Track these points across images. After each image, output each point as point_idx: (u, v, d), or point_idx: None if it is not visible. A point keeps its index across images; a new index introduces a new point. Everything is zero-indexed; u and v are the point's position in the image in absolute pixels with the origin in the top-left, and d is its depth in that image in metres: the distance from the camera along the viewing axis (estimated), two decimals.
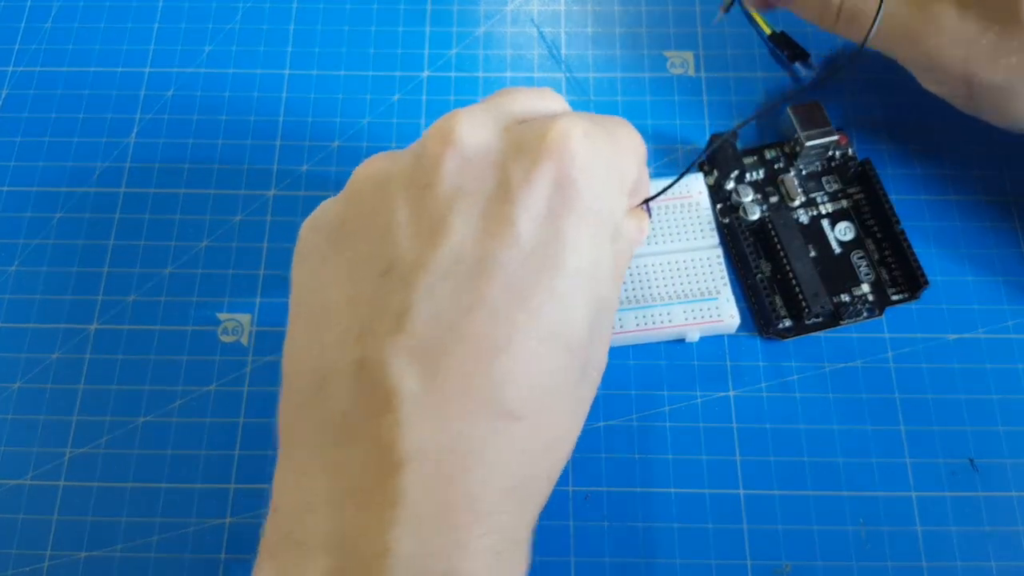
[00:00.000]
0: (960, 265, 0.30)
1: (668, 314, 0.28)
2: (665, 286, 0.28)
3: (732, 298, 0.28)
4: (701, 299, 0.28)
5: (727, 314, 0.28)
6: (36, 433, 0.28)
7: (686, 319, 0.27)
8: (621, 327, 0.27)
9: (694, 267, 0.28)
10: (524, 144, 0.19)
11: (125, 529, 0.27)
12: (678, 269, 0.28)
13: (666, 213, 0.29)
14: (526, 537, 0.18)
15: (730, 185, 0.30)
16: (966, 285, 0.29)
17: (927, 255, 0.28)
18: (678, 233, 0.29)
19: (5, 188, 0.32)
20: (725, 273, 0.28)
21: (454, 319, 0.17)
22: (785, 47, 0.33)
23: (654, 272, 0.28)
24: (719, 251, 0.29)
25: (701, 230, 0.29)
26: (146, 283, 0.30)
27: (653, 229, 0.29)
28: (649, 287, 0.28)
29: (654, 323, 0.28)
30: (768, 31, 0.33)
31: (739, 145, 0.31)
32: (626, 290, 0.28)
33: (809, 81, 0.31)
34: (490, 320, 0.17)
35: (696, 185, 0.29)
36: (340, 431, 0.18)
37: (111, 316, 0.30)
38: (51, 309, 0.30)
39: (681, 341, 0.29)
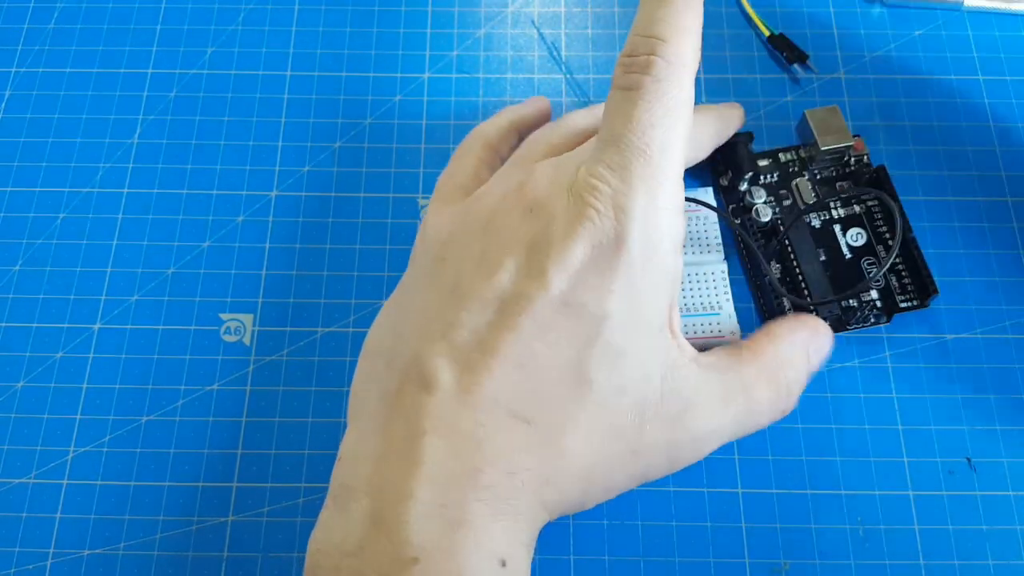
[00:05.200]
0: (958, 266, 0.30)
1: None
2: None
3: (734, 314, 0.28)
4: (703, 313, 0.28)
5: (728, 330, 0.28)
6: (39, 432, 0.28)
7: (687, 333, 0.27)
8: None
9: (698, 281, 0.28)
10: (574, 196, 0.22)
11: (128, 527, 0.27)
12: (682, 282, 0.28)
13: None
14: (527, 515, 0.21)
15: (743, 186, 0.30)
16: (964, 286, 0.30)
17: (925, 256, 0.29)
18: (685, 247, 0.29)
19: (9, 188, 0.32)
20: (729, 289, 0.28)
21: (486, 338, 0.21)
22: (784, 49, 0.33)
23: None
24: (724, 266, 0.28)
25: (708, 245, 0.29)
26: (149, 283, 0.30)
27: None
28: None
29: None
30: (767, 33, 0.33)
31: (755, 147, 0.31)
32: None
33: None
34: (514, 343, 0.21)
35: (706, 199, 0.29)
36: (392, 402, 0.22)
37: (114, 316, 0.30)
38: (54, 308, 0.30)
39: None
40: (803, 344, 0.25)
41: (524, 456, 0.21)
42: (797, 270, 0.28)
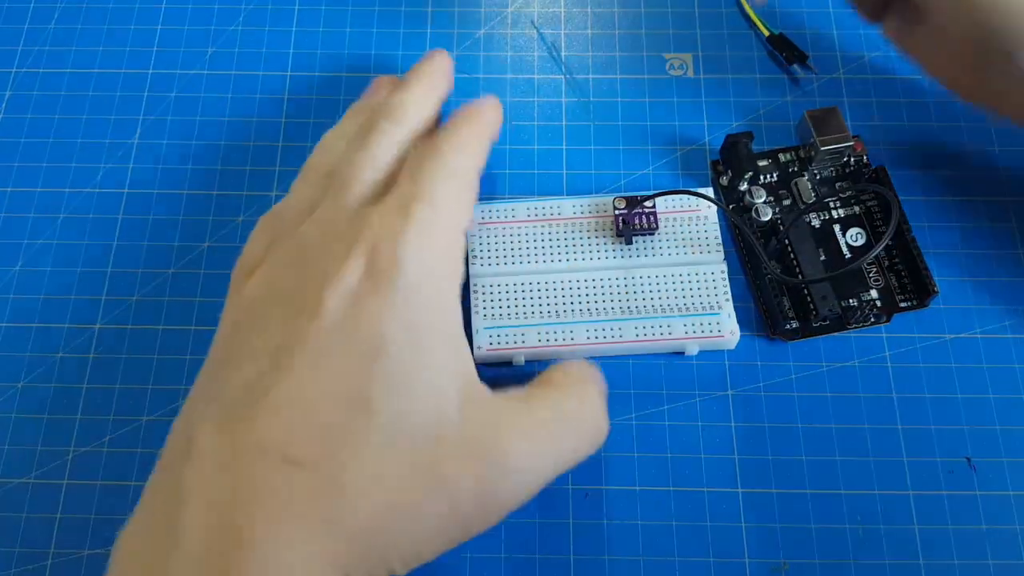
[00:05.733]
0: (958, 265, 0.30)
1: (668, 326, 0.28)
2: (666, 298, 0.28)
3: (733, 314, 0.28)
4: (702, 314, 0.28)
5: (727, 330, 0.28)
6: (40, 432, 0.28)
7: (686, 332, 0.28)
8: (620, 337, 0.28)
9: (698, 281, 0.28)
10: (336, 238, 0.23)
11: None
12: (681, 282, 0.28)
13: (673, 225, 0.29)
14: (312, 567, 0.19)
15: (743, 186, 0.30)
16: (963, 285, 0.30)
17: (925, 256, 0.29)
18: (684, 247, 0.29)
19: (9, 189, 0.32)
20: (728, 289, 0.28)
21: (256, 388, 0.20)
22: (783, 49, 0.33)
23: (656, 284, 0.28)
24: (723, 267, 0.29)
25: (708, 245, 0.29)
26: (149, 283, 0.30)
27: (659, 240, 0.29)
28: (650, 299, 0.28)
29: (653, 335, 0.28)
30: (767, 33, 0.33)
31: (754, 147, 0.31)
32: (627, 300, 0.28)
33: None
34: (285, 384, 0.20)
35: (705, 199, 0.29)
36: (157, 479, 0.21)
37: (115, 316, 0.30)
38: (55, 309, 0.30)
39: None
40: (586, 369, 0.26)
41: (299, 505, 0.19)
42: (797, 269, 0.28)
